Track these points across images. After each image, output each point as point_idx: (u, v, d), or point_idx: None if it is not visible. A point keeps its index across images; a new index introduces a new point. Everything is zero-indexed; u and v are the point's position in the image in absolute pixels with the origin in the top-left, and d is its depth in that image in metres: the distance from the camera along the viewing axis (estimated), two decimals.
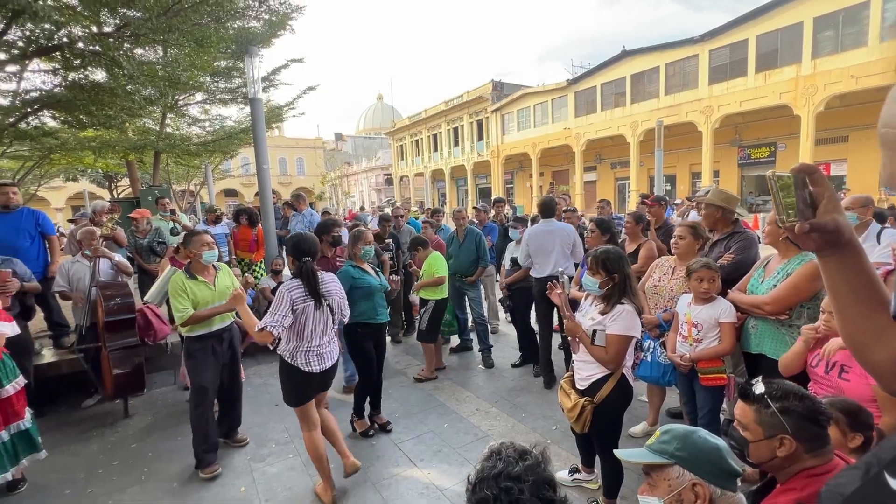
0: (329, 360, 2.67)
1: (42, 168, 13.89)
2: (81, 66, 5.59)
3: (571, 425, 2.36)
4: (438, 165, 34.74)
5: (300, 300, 2.50)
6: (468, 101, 29.86)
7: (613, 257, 2.23)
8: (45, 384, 3.88)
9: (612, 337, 2.15)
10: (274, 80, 11.03)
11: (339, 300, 2.75)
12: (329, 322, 2.66)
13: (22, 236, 4.08)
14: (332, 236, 3.89)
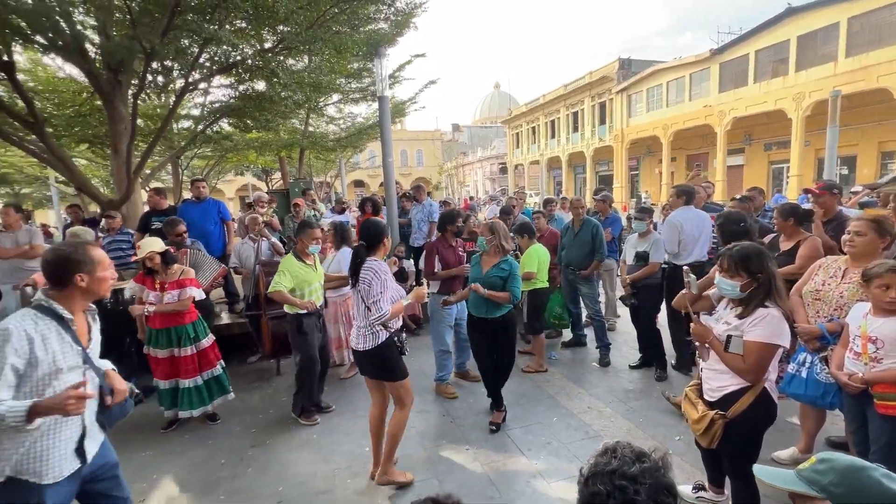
0: (359, 345, 2.67)
1: (220, 165, 16.95)
2: (249, 79, 6.67)
3: (697, 438, 2.15)
4: (555, 153, 33.52)
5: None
6: (590, 83, 28.11)
7: (755, 255, 1.94)
8: (221, 341, 4.81)
9: (751, 344, 1.89)
10: (398, 76, 11.75)
11: (366, 290, 2.59)
12: (361, 308, 2.65)
13: (209, 222, 5.09)
14: (456, 226, 4.01)
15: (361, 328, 2.66)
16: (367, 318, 2.61)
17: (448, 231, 3.97)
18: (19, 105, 5.60)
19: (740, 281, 1.94)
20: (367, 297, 2.59)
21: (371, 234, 2.72)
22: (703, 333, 2.08)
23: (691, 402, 2.17)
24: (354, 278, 2.64)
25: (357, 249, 2.69)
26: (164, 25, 4.70)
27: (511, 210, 5.63)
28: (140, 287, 3.44)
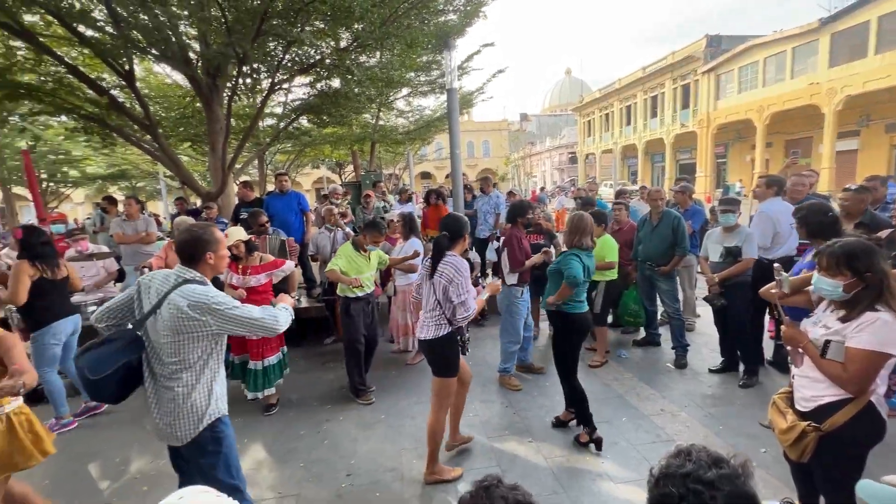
0: (422, 334, 2.75)
1: (299, 159, 18.15)
2: (326, 77, 7.06)
3: (785, 450, 1.97)
4: (630, 140, 31.63)
5: (423, 269, 2.86)
6: (673, 64, 26.06)
7: (862, 252, 1.71)
8: (300, 323, 5.22)
9: (855, 352, 1.69)
10: (466, 67, 11.75)
11: (445, 286, 2.59)
12: (431, 300, 2.68)
13: (291, 213, 5.51)
14: (527, 218, 3.97)
15: (428, 317, 2.71)
16: (436, 309, 2.66)
17: (518, 223, 3.95)
18: (137, 110, 6.42)
19: (843, 280, 1.73)
20: (448, 294, 2.58)
21: (454, 228, 2.74)
22: (796, 337, 1.89)
23: (780, 411, 1.98)
24: (433, 268, 2.67)
25: (440, 240, 2.70)
26: (254, 32, 5.13)
27: (592, 201, 5.40)
28: (227, 271, 3.80)
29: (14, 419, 2.08)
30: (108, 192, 17.85)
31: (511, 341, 4.01)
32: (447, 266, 2.61)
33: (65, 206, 22.91)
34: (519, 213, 3.96)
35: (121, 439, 3.43)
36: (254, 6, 4.97)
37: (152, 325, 1.80)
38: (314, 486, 2.79)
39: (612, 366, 4.31)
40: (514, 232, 3.99)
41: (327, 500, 2.66)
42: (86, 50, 5.89)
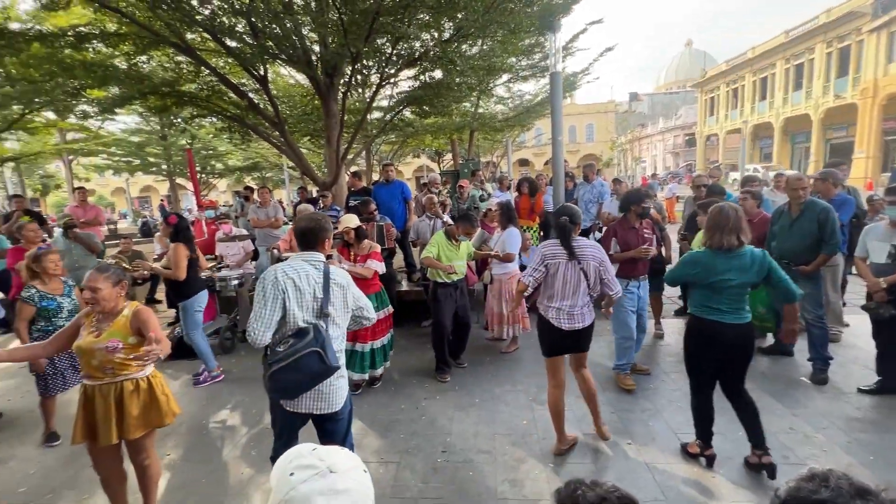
0: (580, 323, 2.81)
1: (401, 149, 19.04)
2: (430, 69, 7.27)
3: None
4: (764, 118, 27.42)
5: (551, 255, 2.80)
6: (827, 24, 21.86)
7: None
8: (401, 305, 5.56)
9: None
10: (571, 48, 11.18)
11: (596, 267, 2.77)
12: (582, 286, 2.78)
13: (395, 201, 5.86)
14: (642, 207, 3.73)
15: (583, 303, 2.81)
16: (586, 293, 2.80)
17: (631, 212, 3.71)
18: (269, 109, 7.29)
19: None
20: (600, 273, 2.77)
21: (574, 214, 2.86)
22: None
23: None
24: (570, 251, 2.75)
25: (566, 225, 2.79)
26: (366, 31, 5.48)
27: (723, 190, 4.72)
28: (339, 256, 4.15)
29: (152, 380, 2.32)
30: (245, 182, 20.64)
31: (623, 336, 3.79)
32: (591, 248, 2.77)
33: (211, 194, 27.05)
34: (634, 200, 3.72)
35: (238, 399, 4.02)
36: (367, 7, 5.30)
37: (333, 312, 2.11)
38: (412, 456, 3.00)
39: None
40: (620, 222, 3.76)
41: (424, 470, 2.84)
42: (230, 59, 6.83)
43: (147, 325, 2.22)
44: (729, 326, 2.56)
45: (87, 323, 2.24)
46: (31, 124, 10.32)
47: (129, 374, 2.24)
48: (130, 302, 2.32)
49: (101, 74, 5.97)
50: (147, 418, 2.27)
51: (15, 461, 3.19)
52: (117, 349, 2.17)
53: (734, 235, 2.50)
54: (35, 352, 2.40)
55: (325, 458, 0.75)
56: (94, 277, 2.18)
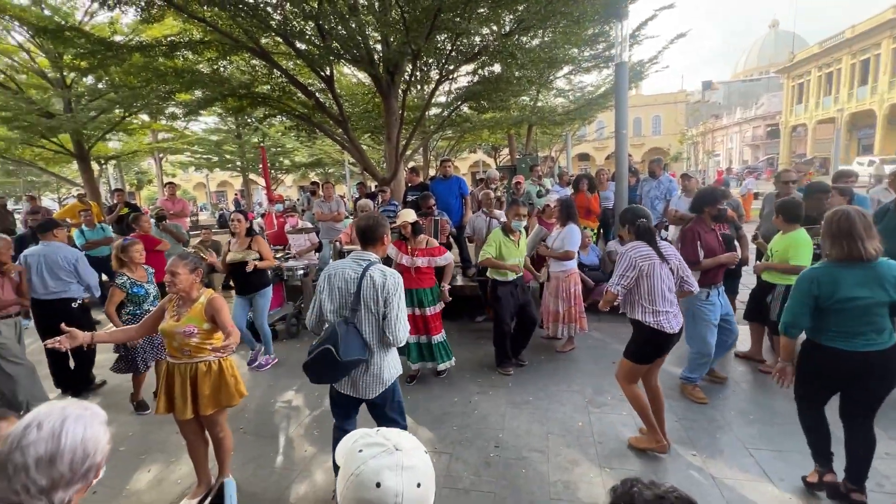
0: (677, 325, 2.73)
1: (458, 145, 19.10)
2: (489, 63, 7.22)
3: None
4: (864, 105, 24.44)
5: (643, 258, 2.66)
6: None
7: None
8: (455, 300, 5.60)
9: None
10: (638, 35, 10.59)
11: (678, 265, 2.78)
12: (672, 286, 2.73)
13: (452, 196, 5.92)
14: (718, 209, 3.45)
15: (675, 302, 2.76)
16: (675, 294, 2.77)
17: (705, 213, 3.43)
18: (334, 108, 7.62)
19: None
20: (682, 271, 2.78)
21: (648, 215, 2.86)
22: None
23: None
24: (660, 253, 2.71)
25: (649, 227, 2.77)
26: (427, 28, 5.55)
27: (827, 188, 4.13)
28: (396, 251, 4.15)
29: (223, 364, 2.52)
30: (309, 178, 21.74)
31: (699, 351, 3.46)
32: (668, 246, 2.79)
33: (279, 189, 28.79)
34: (708, 201, 3.41)
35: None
36: (428, 4, 5.36)
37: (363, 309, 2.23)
38: (465, 449, 3.03)
39: None
40: (694, 225, 3.45)
41: (476, 464, 2.87)
42: (299, 61, 7.21)
43: (220, 314, 2.46)
44: (857, 355, 2.16)
45: (170, 307, 2.50)
46: (130, 126, 11.55)
47: (204, 357, 2.48)
48: (206, 290, 2.56)
49: (188, 79, 6.56)
50: (217, 398, 2.50)
51: (115, 424, 3.62)
52: (193, 334, 2.41)
53: (864, 243, 2.09)
54: (129, 334, 2.73)
55: (390, 438, 0.80)
56: (175, 263, 2.45)
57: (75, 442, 0.92)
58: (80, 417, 0.95)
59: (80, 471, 0.92)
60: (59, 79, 9.38)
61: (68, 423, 0.93)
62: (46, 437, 0.90)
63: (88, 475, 0.95)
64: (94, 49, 5.80)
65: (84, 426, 0.95)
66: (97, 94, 9.47)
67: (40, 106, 8.94)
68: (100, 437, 0.97)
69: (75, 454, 0.92)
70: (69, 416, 0.94)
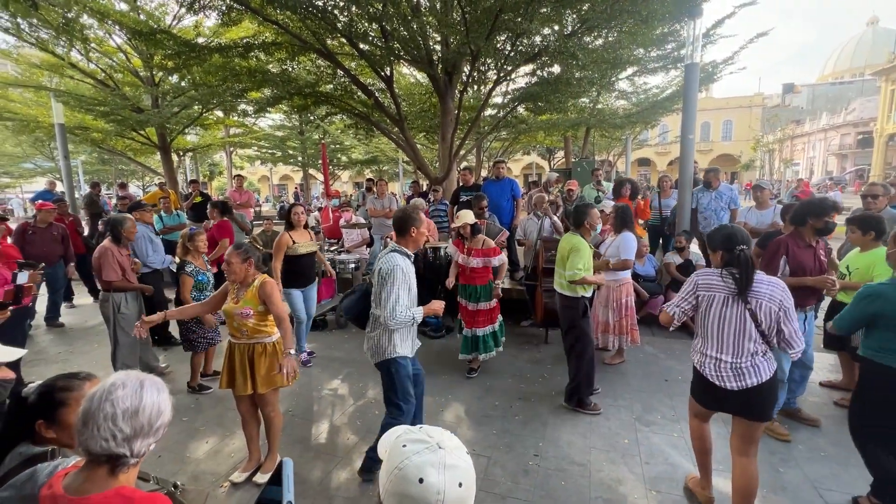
0: (748, 380, 2.13)
1: (512, 146, 18.90)
2: (549, 64, 7.08)
3: None
4: None
5: (706, 287, 2.24)
6: None
7: None
8: (503, 303, 5.54)
9: None
10: (713, 34, 9.93)
11: (772, 308, 2.08)
12: (749, 333, 2.12)
13: (504, 198, 5.87)
14: (825, 221, 2.99)
15: (750, 352, 2.15)
16: (759, 340, 2.14)
17: (808, 226, 3.00)
18: (392, 107, 7.80)
19: None
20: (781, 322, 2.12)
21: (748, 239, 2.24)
22: None
23: None
24: (744, 285, 2.13)
25: (746, 257, 2.15)
26: (488, 29, 5.53)
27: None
28: (455, 249, 4.30)
29: (278, 346, 2.73)
30: (365, 175, 22.43)
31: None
32: (773, 287, 2.10)
33: (336, 184, 29.90)
34: (814, 212, 2.97)
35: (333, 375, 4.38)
36: (489, 5, 5.34)
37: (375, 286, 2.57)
38: (504, 454, 3.00)
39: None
40: (788, 237, 3.07)
41: (514, 470, 2.83)
42: (361, 61, 7.45)
43: (270, 298, 2.66)
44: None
45: (231, 291, 2.74)
46: (206, 121, 12.49)
47: (260, 339, 2.70)
48: (261, 275, 2.76)
49: (259, 79, 6.98)
50: (271, 378, 2.69)
51: (177, 397, 3.94)
52: (249, 315, 2.63)
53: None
54: (199, 309, 3.01)
55: (433, 436, 0.81)
56: (231, 253, 2.67)
57: (153, 401, 1.07)
58: (154, 383, 1.11)
59: (154, 425, 1.06)
60: (150, 77, 10.31)
61: (146, 385, 1.08)
62: (131, 394, 1.04)
63: (159, 432, 1.09)
64: (179, 50, 6.32)
65: (157, 390, 1.10)
66: (180, 91, 10.32)
67: (132, 102, 9.87)
68: (167, 401, 1.11)
69: (152, 411, 1.06)
70: (145, 380, 1.09)
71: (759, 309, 2.09)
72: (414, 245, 2.65)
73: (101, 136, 11.28)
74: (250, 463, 2.85)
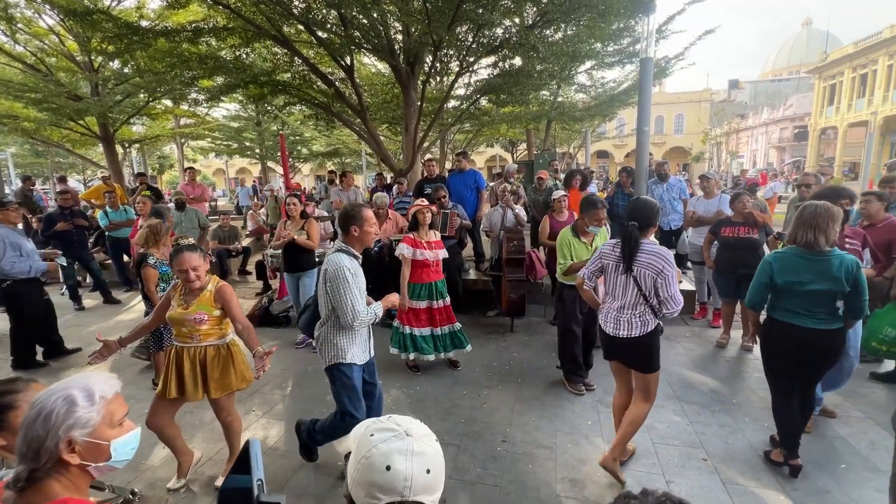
0: (622, 331, 2.52)
1: (475, 139, 18.97)
2: (511, 56, 7.13)
3: None
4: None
5: (605, 256, 2.64)
6: None
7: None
8: (468, 294, 5.60)
9: None
10: (665, 30, 10.31)
11: (650, 275, 2.41)
12: (631, 294, 2.49)
13: (467, 189, 5.89)
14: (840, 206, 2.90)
15: (629, 313, 2.51)
16: (640, 304, 2.48)
17: None
18: (353, 98, 7.63)
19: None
20: (658, 289, 2.41)
21: (646, 215, 2.50)
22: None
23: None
24: (629, 261, 2.47)
25: (631, 231, 2.48)
26: (450, 19, 5.50)
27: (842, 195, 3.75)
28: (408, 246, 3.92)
29: (232, 348, 2.55)
30: (327, 168, 21.89)
31: None
32: (654, 256, 2.42)
33: (296, 177, 29.01)
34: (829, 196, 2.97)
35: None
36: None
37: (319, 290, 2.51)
38: (472, 441, 3.04)
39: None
40: None
41: (483, 457, 2.87)
42: (320, 50, 7.23)
43: (230, 304, 2.50)
44: (804, 330, 2.49)
45: (176, 296, 2.52)
46: (153, 111, 11.76)
47: (212, 342, 2.52)
48: (212, 277, 2.58)
49: (211, 65, 6.63)
50: (226, 381, 2.53)
51: (133, 400, 3.72)
52: (204, 321, 2.46)
53: (815, 234, 2.40)
54: (148, 326, 2.70)
55: (401, 424, 0.80)
56: (194, 259, 2.43)
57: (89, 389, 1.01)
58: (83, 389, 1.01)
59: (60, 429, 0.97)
60: (87, 62, 9.58)
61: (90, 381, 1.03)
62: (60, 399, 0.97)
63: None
64: (120, 33, 5.89)
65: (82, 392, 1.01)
66: (123, 78, 9.65)
67: (69, 89, 9.15)
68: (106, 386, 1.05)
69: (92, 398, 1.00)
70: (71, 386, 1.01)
71: (640, 276, 2.47)
72: (360, 244, 2.52)
73: (33, 126, 10.41)
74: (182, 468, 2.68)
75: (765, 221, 4.23)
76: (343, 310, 2.36)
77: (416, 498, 0.74)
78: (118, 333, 2.55)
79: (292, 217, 4.74)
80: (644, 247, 2.47)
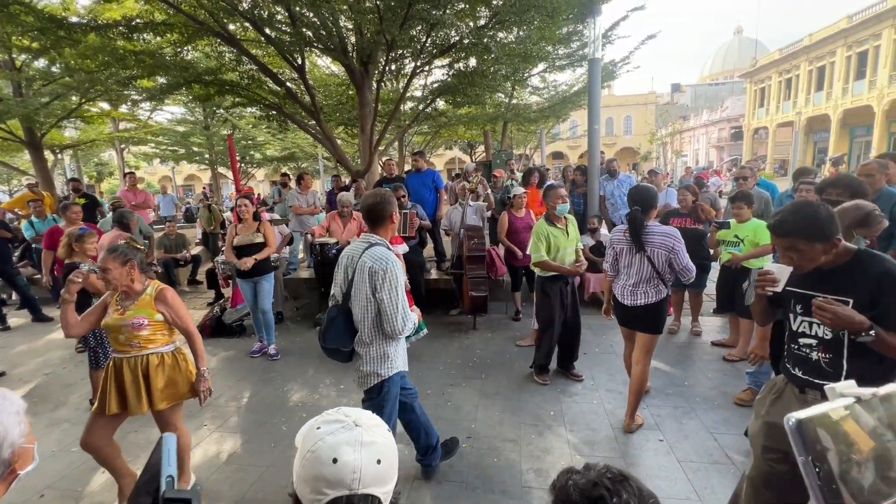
0: (640, 300, 2.85)
1: (434, 141, 19.01)
2: (464, 57, 7.18)
3: None
4: (821, 110, 25.74)
5: (616, 242, 2.96)
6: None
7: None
8: (430, 293, 5.57)
9: None
10: (611, 35, 10.77)
11: (666, 254, 2.75)
12: (645, 271, 2.82)
13: (426, 189, 5.86)
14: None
15: (644, 286, 2.84)
16: (654, 277, 2.81)
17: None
18: (306, 99, 7.43)
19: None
20: (672, 263, 2.75)
21: (646, 198, 2.84)
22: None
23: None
24: (639, 241, 2.78)
25: (636, 214, 2.79)
26: (402, 18, 5.46)
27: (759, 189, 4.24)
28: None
29: (177, 356, 2.41)
30: (282, 171, 21.18)
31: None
32: (665, 237, 2.75)
33: (249, 183, 27.92)
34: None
35: (291, 376, 4.15)
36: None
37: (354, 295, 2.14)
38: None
39: None
40: None
41: None
42: (270, 49, 6.99)
43: (175, 310, 2.34)
44: None
45: (113, 302, 2.34)
46: (87, 113, 10.93)
47: (155, 349, 2.34)
48: (153, 281, 2.41)
49: (150, 64, 6.23)
50: (172, 391, 2.37)
51: (68, 423, 3.42)
52: (143, 326, 2.28)
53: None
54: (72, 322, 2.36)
55: (350, 415, 0.76)
56: (105, 259, 2.25)
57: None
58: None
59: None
60: (8, 60, 8.78)
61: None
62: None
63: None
64: (44, 27, 5.43)
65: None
66: (50, 77, 8.92)
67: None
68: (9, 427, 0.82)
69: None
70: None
71: (654, 255, 2.77)
72: (392, 234, 2.26)
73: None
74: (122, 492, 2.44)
75: (708, 216, 4.46)
76: (394, 316, 2.05)
77: (367, 490, 0.70)
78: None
79: (244, 220, 4.52)
80: (653, 228, 2.80)
